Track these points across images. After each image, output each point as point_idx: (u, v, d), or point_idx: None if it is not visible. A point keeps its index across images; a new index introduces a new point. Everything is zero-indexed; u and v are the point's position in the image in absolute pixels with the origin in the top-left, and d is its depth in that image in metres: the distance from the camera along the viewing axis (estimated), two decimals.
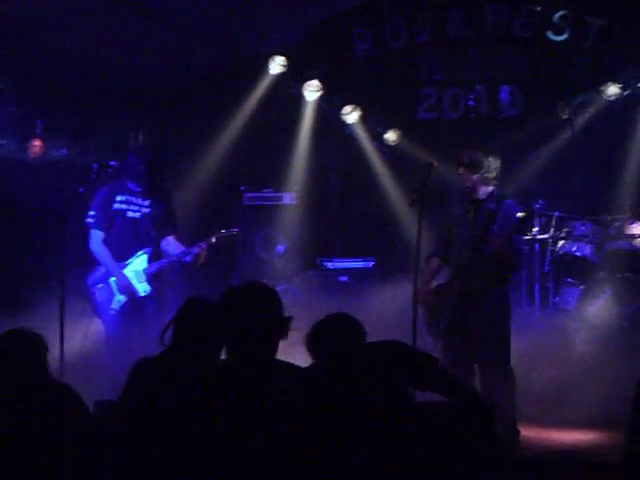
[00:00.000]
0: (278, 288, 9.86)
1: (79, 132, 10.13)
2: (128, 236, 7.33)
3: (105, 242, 7.35)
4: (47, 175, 9.66)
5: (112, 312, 7.31)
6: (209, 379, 3.94)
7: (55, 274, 6.93)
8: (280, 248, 10.37)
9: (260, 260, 10.32)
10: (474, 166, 6.76)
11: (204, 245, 7.36)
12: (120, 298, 7.32)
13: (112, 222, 7.36)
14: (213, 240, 7.42)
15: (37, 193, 9.39)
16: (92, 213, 7.36)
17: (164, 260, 7.38)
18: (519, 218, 6.59)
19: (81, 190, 7.17)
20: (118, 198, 7.38)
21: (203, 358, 4.65)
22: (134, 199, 7.39)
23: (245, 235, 10.37)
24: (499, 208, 6.63)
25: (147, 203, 7.39)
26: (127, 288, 7.30)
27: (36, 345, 4.56)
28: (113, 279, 7.31)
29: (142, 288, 7.35)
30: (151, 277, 7.35)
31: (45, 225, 7.88)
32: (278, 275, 9.95)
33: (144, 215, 7.38)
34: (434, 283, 6.88)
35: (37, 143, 9.95)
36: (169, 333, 4.80)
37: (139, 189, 7.39)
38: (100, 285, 7.35)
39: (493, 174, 6.77)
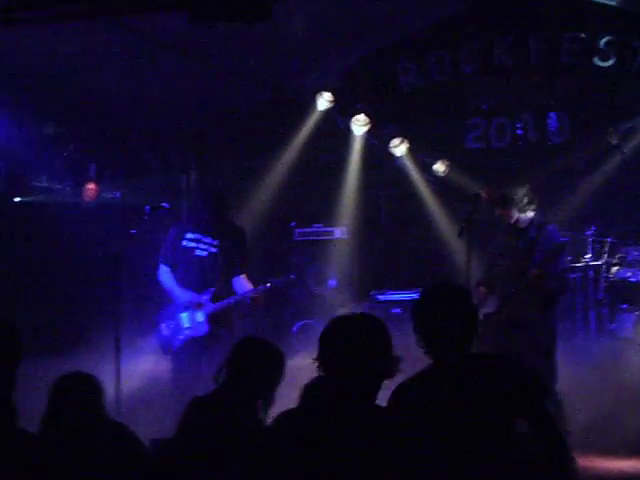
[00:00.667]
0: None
1: (131, 175, 10.32)
2: (194, 274, 7.40)
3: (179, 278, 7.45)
4: (101, 217, 9.86)
5: (176, 349, 7.37)
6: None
7: (111, 313, 7.04)
8: (332, 282, 10.43)
9: (313, 295, 10.38)
10: (507, 202, 6.91)
11: (260, 289, 7.38)
12: (180, 335, 7.37)
13: (181, 259, 7.45)
14: (269, 285, 7.44)
15: (92, 235, 9.57)
16: (162, 249, 7.50)
17: (226, 300, 7.37)
18: (556, 246, 6.65)
19: (134, 231, 7.28)
20: (188, 236, 7.47)
21: (254, 399, 4.69)
22: (204, 238, 7.45)
23: (297, 270, 10.46)
24: (539, 235, 6.67)
25: (216, 243, 7.43)
26: (181, 326, 7.35)
27: (92, 388, 4.65)
28: (184, 314, 7.36)
29: (201, 328, 7.38)
30: (209, 317, 7.33)
31: (100, 266, 8.01)
32: (331, 309, 9.97)
33: (211, 255, 7.42)
34: (481, 312, 6.90)
35: (91, 187, 10.15)
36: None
37: (210, 229, 7.45)
38: (167, 322, 7.41)
39: (525, 201, 6.86)
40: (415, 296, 9.86)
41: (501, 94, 10.74)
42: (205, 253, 7.44)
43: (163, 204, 7.56)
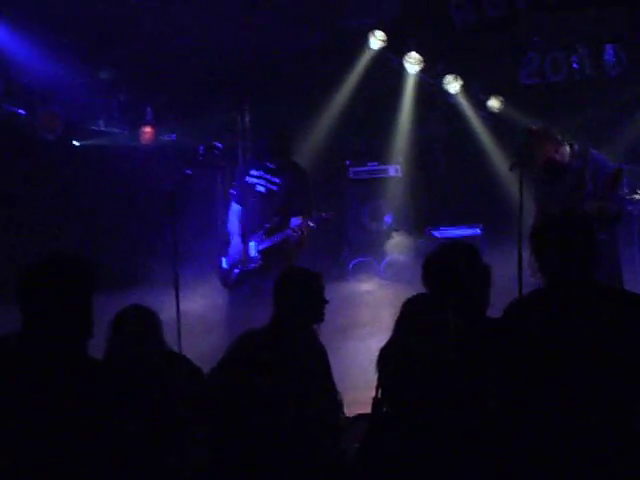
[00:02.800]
0: (388, 258, 10.04)
1: (187, 117, 10.43)
2: (253, 209, 7.58)
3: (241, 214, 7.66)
4: (158, 159, 10.01)
5: (232, 282, 7.60)
6: None
7: (168, 249, 7.18)
8: (388, 219, 10.50)
9: (369, 232, 10.47)
10: (552, 136, 6.80)
11: (297, 226, 7.42)
12: (236, 269, 7.57)
13: (244, 195, 7.66)
14: (311, 224, 7.50)
15: (150, 176, 9.75)
16: (233, 188, 7.76)
17: (275, 236, 7.49)
18: (612, 173, 6.55)
19: (189, 172, 7.40)
20: (252, 172, 7.65)
21: (302, 328, 4.80)
22: (266, 175, 7.59)
23: (353, 208, 10.55)
24: (586, 163, 6.60)
25: (277, 180, 7.56)
26: (239, 261, 7.53)
27: (150, 319, 4.80)
28: (240, 249, 7.55)
29: (254, 261, 7.53)
30: (261, 252, 7.49)
31: (158, 205, 8.17)
32: (388, 246, 10.08)
33: (269, 191, 7.55)
34: None
35: (148, 130, 10.30)
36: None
37: (272, 166, 7.57)
38: (226, 256, 7.63)
39: (558, 135, 6.78)
40: (470, 231, 10.03)
41: (556, 28, 10.57)
42: (264, 189, 7.57)
43: (217, 144, 7.65)
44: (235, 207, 7.71)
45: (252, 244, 7.51)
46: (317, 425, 4.75)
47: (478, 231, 10.11)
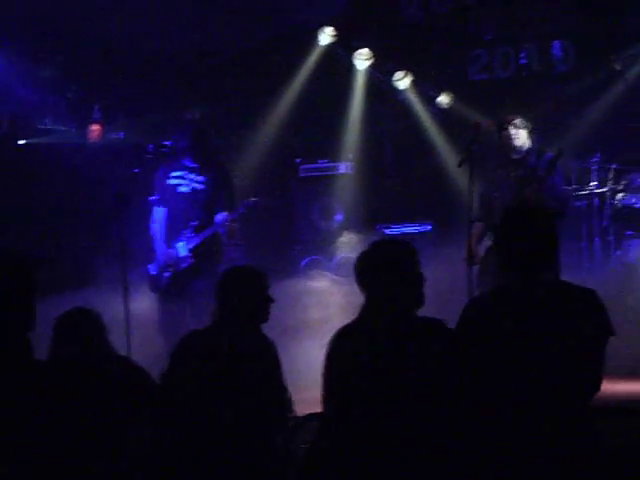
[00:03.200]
0: (338, 257, 10.02)
1: (135, 114, 10.34)
2: (180, 210, 7.45)
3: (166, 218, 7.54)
4: (106, 157, 9.91)
5: (163, 286, 7.48)
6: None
7: (116, 251, 7.11)
8: (338, 217, 10.48)
9: (319, 230, 10.44)
10: (523, 123, 6.90)
11: (227, 217, 7.40)
12: (166, 273, 7.46)
13: (167, 197, 7.52)
14: (234, 214, 7.47)
15: (97, 175, 9.64)
16: (154, 191, 7.57)
17: (204, 233, 7.40)
18: (550, 157, 6.66)
19: (137, 171, 7.34)
20: (173, 174, 7.53)
21: (246, 327, 4.75)
22: (188, 174, 7.50)
23: (303, 206, 10.53)
24: (540, 162, 6.69)
25: (201, 179, 7.47)
26: (168, 264, 7.43)
27: (94, 322, 4.74)
28: (168, 251, 7.44)
29: (185, 261, 7.43)
30: (191, 251, 7.39)
31: (105, 205, 8.10)
32: (338, 244, 10.07)
33: (194, 190, 7.47)
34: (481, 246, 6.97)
35: (95, 127, 10.20)
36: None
37: (194, 165, 7.49)
38: (154, 261, 7.51)
39: (530, 129, 6.91)
40: (419, 229, 10.05)
41: (504, 24, 10.64)
42: (188, 189, 7.48)
43: (166, 142, 7.57)
44: (158, 212, 7.55)
45: (181, 244, 7.39)
46: (266, 424, 4.71)
47: (428, 227, 10.14)
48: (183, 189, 7.49)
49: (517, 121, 6.99)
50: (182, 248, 7.39)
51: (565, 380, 3.84)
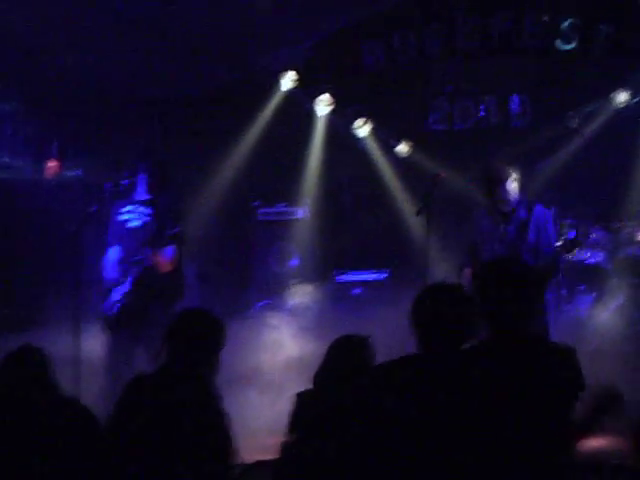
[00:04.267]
0: (293, 302, 10.02)
1: (94, 152, 10.28)
2: (132, 246, 7.37)
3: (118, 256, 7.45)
4: (62, 195, 9.82)
5: (111, 324, 7.38)
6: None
7: (70, 292, 7.03)
8: (294, 262, 10.48)
9: (275, 274, 10.42)
10: (517, 176, 6.90)
11: (157, 251, 7.27)
12: (114, 311, 7.37)
13: (119, 234, 7.45)
14: (163, 246, 7.30)
15: (53, 213, 9.55)
16: (108, 231, 7.50)
17: (140, 268, 7.30)
18: (570, 239, 6.64)
19: (94, 209, 7.29)
20: (124, 209, 7.49)
21: (198, 374, 4.68)
22: (138, 208, 7.46)
23: (260, 249, 10.52)
24: (531, 215, 6.70)
25: (149, 211, 7.42)
26: (117, 302, 7.34)
27: (40, 361, 4.63)
28: (116, 287, 7.37)
29: (127, 297, 7.35)
30: (134, 286, 7.31)
31: (60, 244, 8.01)
32: (293, 289, 10.05)
33: (145, 224, 7.41)
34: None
35: (53, 164, 10.11)
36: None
37: (144, 198, 7.46)
38: (106, 299, 7.42)
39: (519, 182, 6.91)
40: (375, 276, 10.08)
41: (464, 76, 10.79)
42: (139, 223, 7.43)
43: (124, 181, 7.51)
44: (110, 251, 7.46)
45: (127, 281, 7.32)
46: (209, 474, 4.64)
47: (384, 276, 10.17)
48: (134, 224, 7.43)
49: (513, 175, 6.93)
50: (127, 284, 7.31)
51: (533, 437, 3.84)
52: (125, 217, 7.47)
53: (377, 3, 10.30)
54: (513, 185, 6.95)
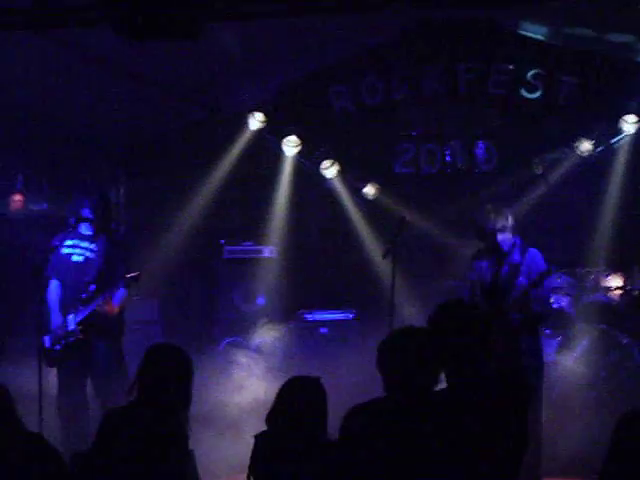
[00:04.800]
0: (259, 340, 9.96)
1: (59, 187, 10.21)
2: (73, 280, 7.28)
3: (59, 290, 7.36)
4: (27, 228, 9.72)
5: (57, 360, 7.28)
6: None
7: (32, 327, 6.94)
8: (260, 300, 10.43)
9: (241, 312, 10.37)
10: (510, 222, 6.91)
11: (107, 294, 7.19)
12: (57, 346, 7.25)
13: (60, 268, 7.34)
14: (112, 290, 7.23)
15: (17, 247, 9.45)
16: (48, 264, 7.34)
17: (89, 307, 7.19)
18: (542, 272, 6.67)
19: (56, 243, 7.21)
20: (67, 242, 7.38)
21: (169, 409, 4.63)
22: (81, 243, 7.37)
23: (225, 287, 10.47)
24: (524, 259, 6.74)
25: (93, 247, 7.33)
26: (60, 337, 7.23)
27: (2, 397, 4.55)
28: (59, 324, 7.27)
29: (73, 335, 7.23)
30: (80, 323, 7.19)
31: (23, 279, 7.93)
32: (259, 327, 10.00)
33: (87, 260, 7.32)
34: None
35: (18, 198, 10.04)
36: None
37: (88, 233, 7.37)
38: (49, 334, 7.29)
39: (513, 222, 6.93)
40: (342, 316, 10.06)
41: (431, 121, 10.90)
42: (82, 258, 7.34)
43: (88, 215, 7.42)
44: (52, 284, 7.36)
45: (70, 317, 7.19)
46: None
47: (351, 316, 10.16)
48: (77, 258, 7.34)
49: (508, 225, 6.94)
50: (71, 321, 7.19)
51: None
52: (67, 251, 7.37)
53: (345, 49, 10.40)
54: (506, 234, 6.96)
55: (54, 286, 7.36)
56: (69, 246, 7.37)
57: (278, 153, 10.71)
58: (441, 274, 9.85)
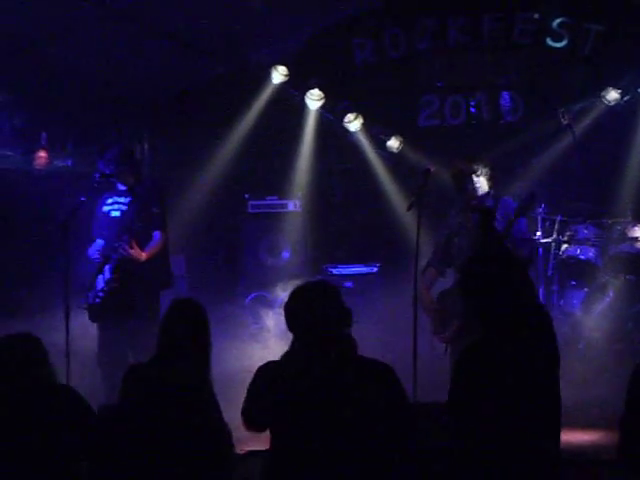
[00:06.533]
0: (283, 296, 10.01)
1: (83, 143, 10.24)
2: (111, 236, 7.39)
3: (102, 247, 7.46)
4: (52, 185, 9.79)
5: (97, 313, 7.38)
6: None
7: (59, 281, 7.00)
8: (285, 254, 10.44)
9: (266, 267, 10.38)
10: (484, 170, 6.87)
11: (125, 238, 7.26)
12: (97, 300, 7.36)
13: (102, 225, 7.50)
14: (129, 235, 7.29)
15: (42, 203, 9.51)
16: (93, 223, 7.55)
17: (118, 256, 7.29)
18: (523, 199, 6.65)
19: (83, 199, 7.26)
20: (107, 200, 7.55)
21: (191, 363, 4.69)
22: (118, 199, 7.50)
23: (250, 242, 10.48)
24: (497, 206, 6.69)
25: (128, 200, 7.44)
26: (99, 291, 7.33)
27: (35, 348, 4.63)
28: (98, 276, 7.34)
29: (110, 283, 7.33)
30: (113, 272, 7.29)
31: (49, 234, 7.98)
32: (283, 281, 10.01)
33: (123, 213, 7.45)
34: (436, 290, 6.96)
35: (42, 154, 10.07)
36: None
37: (124, 187, 7.49)
38: (91, 291, 7.38)
39: (489, 171, 6.89)
40: (367, 270, 10.07)
41: (455, 72, 10.79)
42: (119, 213, 7.46)
43: (112, 171, 7.46)
44: (96, 242, 7.50)
45: (107, 267, 7.31)
46: (205, 459, 4.63)
47: (374, 269, 10.16)
48: (115, 214, 7.48)
49: (479, 170, 6.92)
50: (107, 271, 7.30)
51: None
52: (107, 208, 7.54)
53: (367, 1, 10.31)
54: (480, 179, 6.90)
55: (97, 243, 7.49)
56: (109, 204, 7.52)
57: (301, 107, 10.64)
58: None
